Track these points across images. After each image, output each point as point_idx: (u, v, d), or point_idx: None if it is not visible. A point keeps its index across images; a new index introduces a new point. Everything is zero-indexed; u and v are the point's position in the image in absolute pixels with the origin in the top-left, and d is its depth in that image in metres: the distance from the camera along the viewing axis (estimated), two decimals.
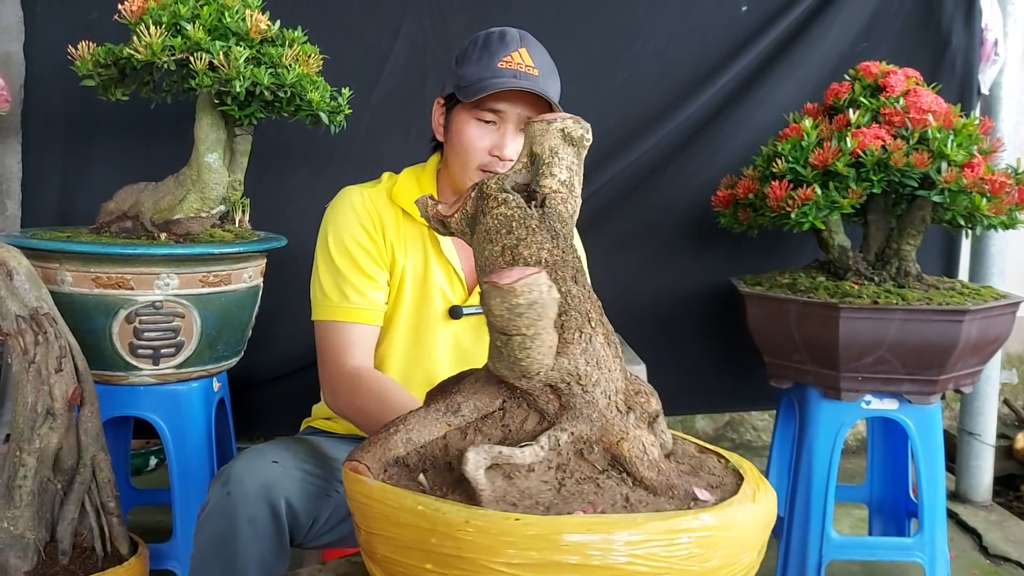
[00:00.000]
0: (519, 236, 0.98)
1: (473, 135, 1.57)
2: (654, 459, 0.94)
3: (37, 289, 1.62)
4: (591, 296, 1.00)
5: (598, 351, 0.97)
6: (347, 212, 1.65)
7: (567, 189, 0.99)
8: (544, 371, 0.94)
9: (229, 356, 2.04)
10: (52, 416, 1.56)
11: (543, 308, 0.89)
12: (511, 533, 0.83)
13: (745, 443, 3.47)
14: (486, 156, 1.58)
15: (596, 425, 0.96)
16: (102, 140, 2.46)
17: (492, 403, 1.01)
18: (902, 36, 2.67)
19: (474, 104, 1.56)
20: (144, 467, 2.82)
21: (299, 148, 2.50)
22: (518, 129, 1.57)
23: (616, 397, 0.98)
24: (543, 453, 0.94)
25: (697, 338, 2.73)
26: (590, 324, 0.97)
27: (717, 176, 2.45)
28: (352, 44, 2.51)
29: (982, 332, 2.03)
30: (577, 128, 0.98)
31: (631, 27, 2.62)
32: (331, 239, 1.64)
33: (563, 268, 0.98)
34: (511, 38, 1.59)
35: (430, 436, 0.99)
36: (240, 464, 1.45)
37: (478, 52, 1.59)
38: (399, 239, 1.66)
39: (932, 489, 2.14)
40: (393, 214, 1.67)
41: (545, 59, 1.61)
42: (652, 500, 0.91)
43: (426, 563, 0.87)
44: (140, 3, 1.84)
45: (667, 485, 0.93)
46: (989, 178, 2.00)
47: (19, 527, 1.55)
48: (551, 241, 0.98)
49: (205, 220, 1.94)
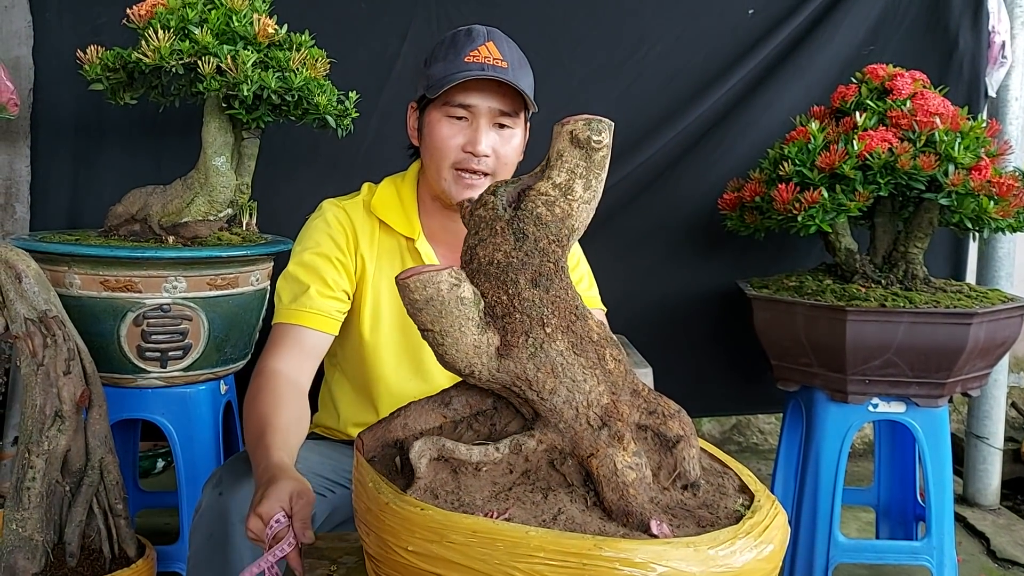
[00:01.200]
0: (481, 237, 0.98)
1: (445, 133, 1.55)
2: (625, 481, 0.90)
3: (46, 292, 1.63)
4: (559, 302, 0.97)
5: (554, 358, 0.95)
6: (318, 227, 1.63)
7: (559, 192, 0.97)
8: (477, 371, 0.95)
9: (236, 359, 2.05)
10: (60, 418, 1.57)
11: (443, 305, 0.90)
12: (413, 522, 0.86)
13: (751, 446, 3.47)
14: (459, 153, 1.54)
15: (567, 437, 0.95)
16: (110, 144, 2.48)
17: (484, 401, 1.02)
18: (909, 39, 2.67)
19: (444, 101, 1.54)
20: (151, 469, 2.82)
21: (306, 151, 2.51)
22: (491, 124, 1.55)
23: (588, 410, 0.95)
24: (498, 455, 0.95)
25: (704, 341, 2.73)
26: (543, 329, 0.95)
27: (724, 179, 2.45)
28: (359, 48, 2.52)
29: (990, 335, 2.03)
30: (584, 130, 0.95)
31: (637, 32, 2.63)
32: (296, 251, 1.62)
33: (517, 270, 0.95)
34: (477, 33, 1.56)
35: (426, 424, 1.01)
36: (231, 464, 1.46)
37: (444, 50, 1.56)
38: (372, 251, 1.63)
39: (940, 492, 2.13)
40: (370, 226, 1.64)
41: (515, 52, 1.57)
42: (593, 522, 0.88)
43: (367, 536, 0.94)
44: (148, 8, 1.85)
45: (624, 511, 0.89)
46: (997, 181, 2.00)
47: (27, 529, 1.55)
48: (513, 243, 0.96)
49: (213, 223, 1.95)
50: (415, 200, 1.67)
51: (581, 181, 0.97)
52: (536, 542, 0.81)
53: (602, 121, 0.96)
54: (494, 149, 1.55)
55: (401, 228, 1.64)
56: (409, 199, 1.66)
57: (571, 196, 0.97)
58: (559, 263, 0.98)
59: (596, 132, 0.95)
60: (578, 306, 0.99)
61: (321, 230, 1.62)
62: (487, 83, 1.52)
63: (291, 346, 1.52)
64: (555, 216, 0.97)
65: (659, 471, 0.96)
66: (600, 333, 1.00)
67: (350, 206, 1.65)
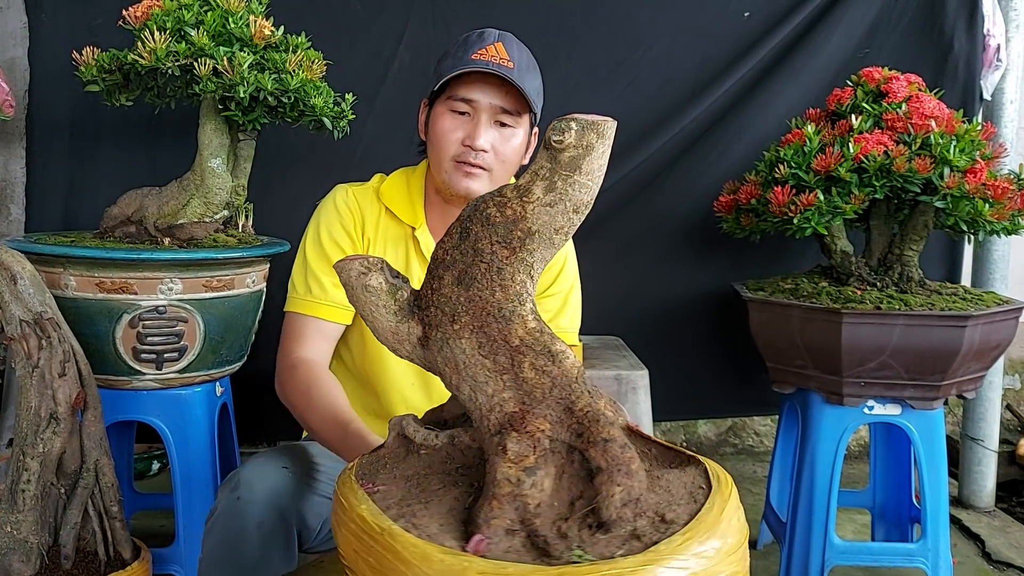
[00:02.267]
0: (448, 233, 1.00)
1: (447, 126, 1.58)
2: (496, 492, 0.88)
3: (41, 294, 1.63)
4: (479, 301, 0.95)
5: (456, 355, 0.95)
6: (329, 209, 1.69)
7: (516, 194, 0.94)
8: (404, 355, 1.01)
9: (232, 361, 2.04)
10: (56, 420, 1.57)
11: (352, 291, 0.99)
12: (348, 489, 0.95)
13: (747, 448, 3.47)
14: (459, 147, 1.58)
15: (478, 436, 0.96)
16: (106, 145, 2.47)
17: None
18: (904, 42, 2.67)
19: (448, 95, 1.58)
20: (147, 471, 2.82)
21: (302, 153, 2.51)
22: (492, 120, 1.57)
23: (489, 413, 0.94)
24: (437, 442, 0.99)
25: (699, 343, 2.73)
26: (452, 325, 0.95)
27: (719, 182, 2.45)
28: (356, 50, 2.52)
29: (985, 338, 2.03)
30: (549, 132, 0.92)
31: (634, 34, 2.63)
32: (309, 234, 1.69)
33: (447, 266, 0.96)
34: (489, 34, 1.60)
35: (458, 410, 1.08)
36: (249, 469, 1.46)
37: (456, 48, 1.61)
38: (377, 236, 1.68)
39: (935, 495, 2.13)
40: (376, 211, 1.69)
41: (524, 55, 1.60)
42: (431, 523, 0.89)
43: None
44: (144, 9, 1.84)
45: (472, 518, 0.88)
46: (992, 183, 2.00)
47: (22, 531, 1.55)
48: (456, 240, 0.97)
49: (209, 225, 1.95)
50: (422, 191, 1.71)
51: (543, 183, 0.94)
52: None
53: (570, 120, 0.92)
54: (493, 146, 1.57)
55: (404, 216, 1.68)
56: (417, 190, 1.71)
57: (527, 198, 0.94)
58: (496, 264, 0.95)
59: (557, 132, 0.91)
60: (502, 309, 0.95)
61: (331, 213, 1.68)
62: (490, 80, 1.55)
63: (313, 335, 1.62)
64: (505, 217, 0.95)
65: (578, 499, 0.91)
66: (526, 340, 0.95)
67: (360, 191, 1.71)
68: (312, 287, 1.63)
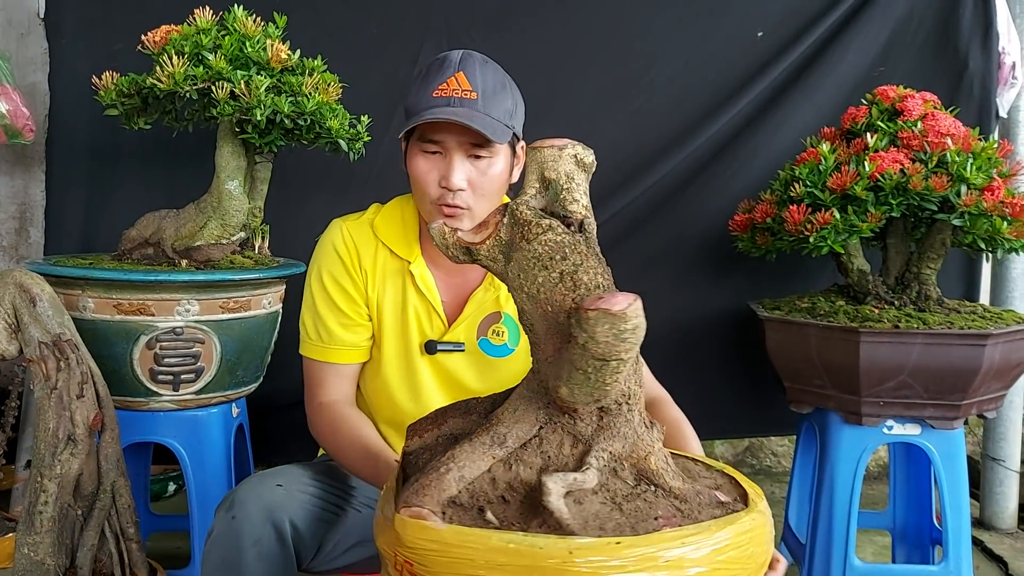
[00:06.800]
0: (575, 262, 0.96)
1: (422, 168, 1.54)
2: (676, 470, 0.98)
3: (60, 316, 1.64)
4: None
5: (637, 368, 0.99)
6: (328, 248, 1.66)
7: (587, 212, 1.00)
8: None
9: (248, 382, 2.05)
10: (73, 442, 1.57)
11: (642, 332, 0.88)
12: (615, 556, 0.84)
13: (765, 469, 3.44)
14: (436, 189, 1.53)
15: (628, 442, 0.98)
16: (124, 168, 2.50)
17: (531, 430, 1.01)
18: (919, 60, 2.67)
19: (418, 136, 1.54)
20: (163, 493, 2.82)
21: (318, 175, 2.52)
22: (466, 155, 1.52)
23: (644, 413, 1.01)
24: (599, 476, 0.96)
25: (716, 363, 2.71)
26: None
27: (735, 201, 2.44)
28: (371, 72, 2.53)
29: (1005, 356, 2.01)
30: (587, 154, 0.99)
31: (647, 53, 2.64)
32: (312, 276, 1.68)
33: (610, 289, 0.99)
34: (449, 63, 1.54)
35: (479, 471, 0.98)
36: (243, 488, 1.46)
37: (418, 81, 1.56)
38: (374, 271, 1.65)
39: (956, 516, 2.10)
40: (372, 246, 1.65)
41: (488, 78, 1.54)
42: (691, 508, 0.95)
43: None
44: (163, 34, 1.87)
45: (695, 491, 0.97)
46: (1009, 201, 1.99)
47: (39, 553, 1.55)
48: (600, 265, 0.97)
49: (225, 247, 1.96)
50: (417, 223, 1.68)
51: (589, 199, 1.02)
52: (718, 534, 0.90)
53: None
54: (470, 181, 1.53)
55: (399, 250, 1.65)
56: (411, 222, 1.68)
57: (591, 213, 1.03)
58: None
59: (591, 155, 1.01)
60: None
61: (330, 255, 1.66)
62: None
63: (330, 377, 1.65)
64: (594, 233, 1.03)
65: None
66: None
67: (354, 226, 1.67)
68: (321, 334, 1.65)
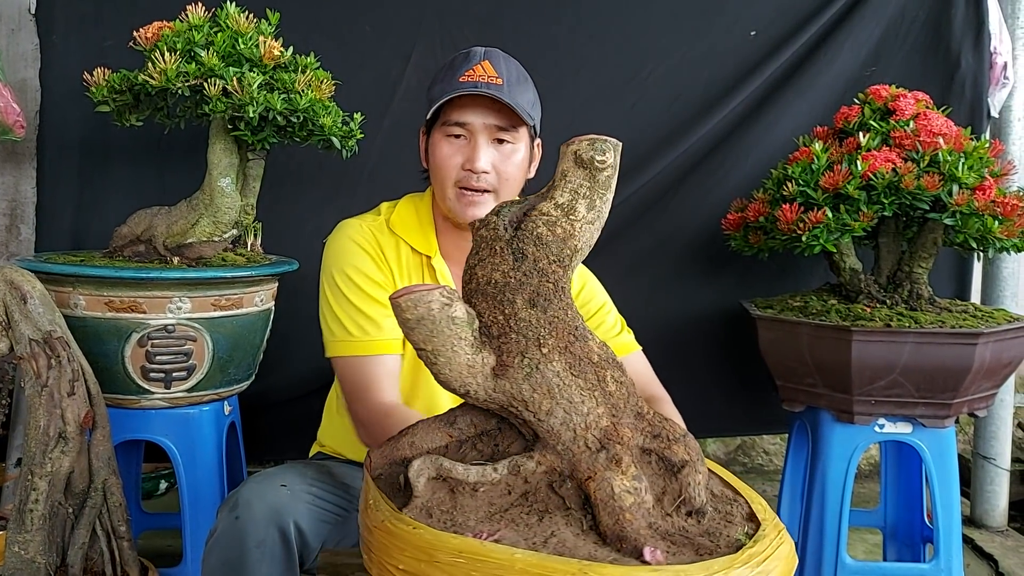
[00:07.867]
0: (480, 257, 0.98)
1: (445, 152, 1.58)
2: (621, 506, 0.88)
3: (51, 313, 1.63)
4: (557, 322, 0.97)
5: (550, 379, 0.95)
6: (348, 244, 1.65)
7: (561, 212, 0.96)
8: (473, 390, 0.95)
9: (240, 380, 2.04)
10: (64, 440, 1.57)
11: (434, 325, 0.90)
12: (404, 540, 0.87)
13: (756, 467, 3.45)
14: (460, 172, 1.58)
15: (565, 459, 0.94)
16: (116, 165, 2.49)
17: (488, 421, 1.02)
18: (911, 60, 2.68)
19: (443, 121, 1.58)
20: (154, 491, 2.81)
21: (311, 173, 2.52)
22: (490, 140, 1.57)
23: (587, 432, 0.94)
24: (496, 476, 0.94)
25: (708, 362, 2.72)
26: (539, 350, 0.95)
27: (727, 199, 2.45)
28: (364, 70, 2.53)
29: (996, 355, 2.02)
30: (588, 150, 0.94)
31: (641, 52, 2.64)
32: (336, 273, 1.63)
33: (515, 290, 0.95)
34: (474, 54, 1.60)
35: (432, 444, 1.02)
36: (248, 489, 1.45)
37: (443, 72, 1.62)
38: (399, 267, 1.66)
39: (947, 514, 2.11)
40: (393, 243, 1.67)
41: (512, 69, 1.60)
42: (585, 547, 0.86)
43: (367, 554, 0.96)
44: (155, 30, 1.86)
45: (619, 536, 0.87)
46: (1001, 201, 2.00)
47: (30, 551, 1.54)
48: (512, 263, 0.96)
49: (217, 244, 1.96)
50: (432, 219, 1.70)
51: (584, 201, 0.96)
52: (521, 565, 0.81)
53: (607, 141, 0.95)
54: (494, 165, 1.57)
55: (419, 245, 1.67)
56: (426, 217, 1.70)
57: (573, 216, 0.96)
58: (559, 283, 0.97)
59: (600, 152, 0.94)
60: (578, 327, 0.98)
61: (354, 250, 1.64)
62: (481, 100, 1.55)
63: (385, 375, 1.57)
64: (556, 236, 0.96)
65: (663, 496, 0.94)
66: (601, 354, 0.99)
67: (372, 224, 1.68)
68: (366, 327, 1.59)
